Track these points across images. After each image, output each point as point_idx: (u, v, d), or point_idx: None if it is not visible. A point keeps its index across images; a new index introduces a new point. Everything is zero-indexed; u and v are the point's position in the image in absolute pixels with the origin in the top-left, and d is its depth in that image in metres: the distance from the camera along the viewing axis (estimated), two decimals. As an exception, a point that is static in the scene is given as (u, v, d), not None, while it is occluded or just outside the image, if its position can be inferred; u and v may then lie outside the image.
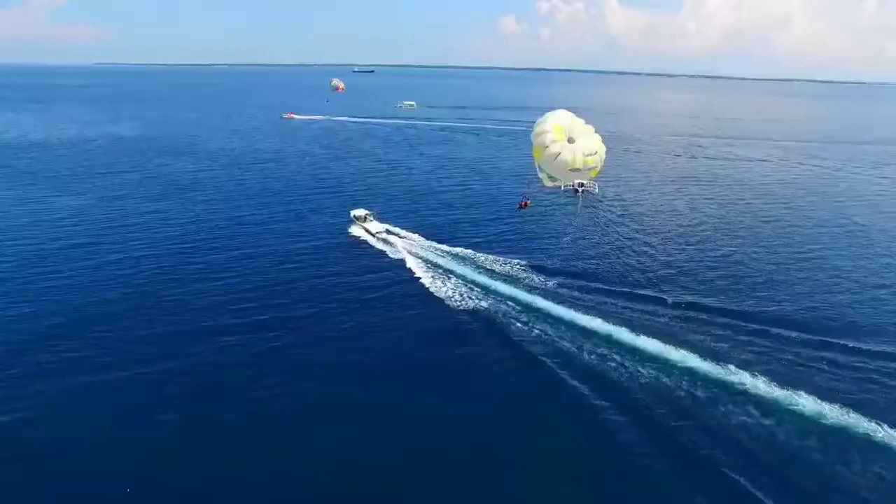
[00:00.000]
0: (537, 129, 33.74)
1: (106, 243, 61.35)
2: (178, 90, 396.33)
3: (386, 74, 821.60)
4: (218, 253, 59.63)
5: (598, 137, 33.71)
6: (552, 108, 36.51)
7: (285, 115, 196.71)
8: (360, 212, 70.09)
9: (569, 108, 35.91)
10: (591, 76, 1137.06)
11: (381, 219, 70.04)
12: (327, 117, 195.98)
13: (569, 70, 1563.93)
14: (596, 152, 32.98)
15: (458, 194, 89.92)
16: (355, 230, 67.79)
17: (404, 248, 61.08)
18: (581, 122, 34.10)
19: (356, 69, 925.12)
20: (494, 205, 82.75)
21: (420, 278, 53.20)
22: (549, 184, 35.04)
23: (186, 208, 76.64)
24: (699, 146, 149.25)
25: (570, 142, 33.03)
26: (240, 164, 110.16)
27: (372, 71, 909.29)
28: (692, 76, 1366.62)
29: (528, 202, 45.44)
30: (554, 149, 32.66)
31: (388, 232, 66.01)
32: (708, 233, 70.81)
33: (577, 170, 32.93)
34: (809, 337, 42.80)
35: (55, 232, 65.23)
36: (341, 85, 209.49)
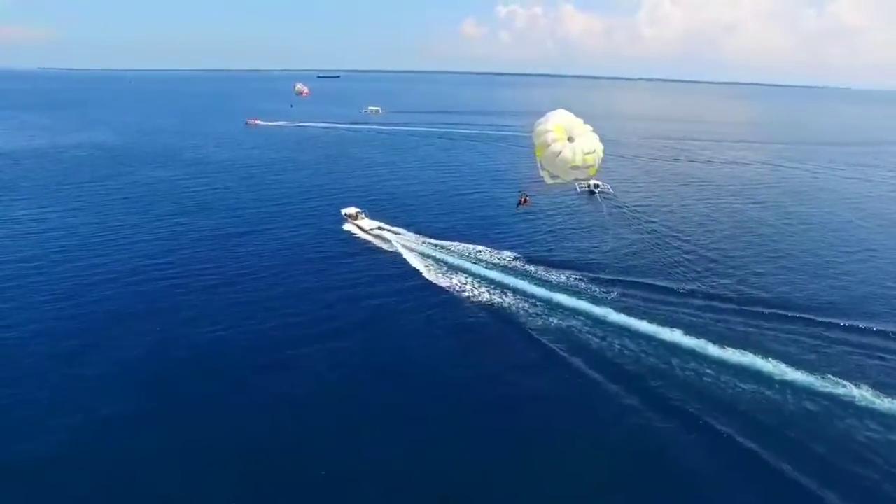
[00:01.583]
0: (539, 128, 35.27)
1: (103, 256, 59.39)
2: (134, 96, 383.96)
3: (351, 80, 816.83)
4: (222, 259, 59.20)
5: (596, 136, 35.48)
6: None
7: (250, 122, 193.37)
8: (352, 210, 71.84)
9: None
10: (553, 80, 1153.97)
11: (372, 216, 71.91)
12: (293, 123, 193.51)
13: (528, 74, 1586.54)
14: (594, 150, 34.71)
15: (442, 194, 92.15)
16: (349, 227, 69.47)
17: (399, 242, 63.10)
18: (580, 121, 35.82)
19: (320, 75, 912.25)
20: (484, 202, 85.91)
21: (419, 271, 55.34)
22: (550, 181, 36.40)
23: (176, 221, 73.51)
24: (687, 149, 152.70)
25: (570, 140, 34.62)
26: (219, 171, 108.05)
27: (338, 76, 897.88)
28: (650, 80, 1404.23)
29: (527, 199, 46.29)
30: (555, 147, 34.27)
31: (381, 228, 67.94)
32: (733, 232, 73.61)
33: (578, 167, 34.53)
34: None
35: (56, 247, 61.88)
36: (305, 90, 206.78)
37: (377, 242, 64.48)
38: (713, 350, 40.17)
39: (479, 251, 60.64)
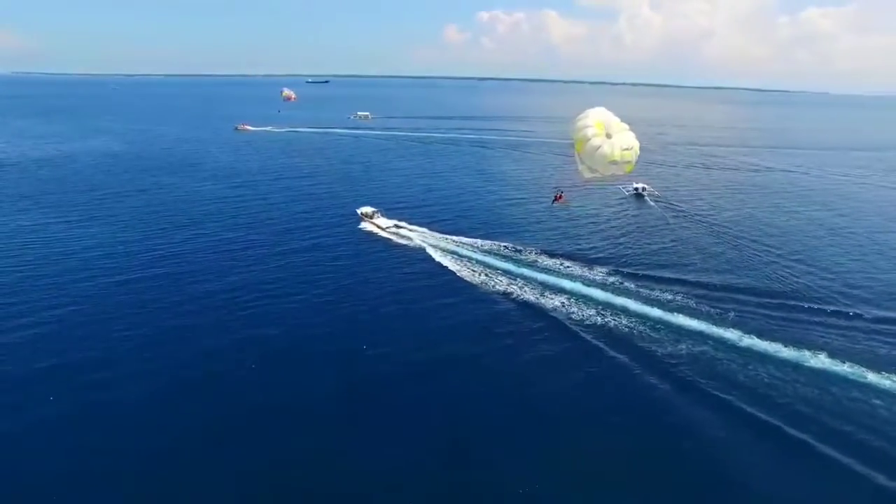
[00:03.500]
0: (579, 123, 36.12)
1: (146, 269, 57.34)
2: (121, 102, 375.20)
3: (339, 85, 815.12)
4: (246, 265, 58.53)
5: (632, 134, 36.21)
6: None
7: (239, 127, 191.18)
8: (367, 209, 72.44)
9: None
10: (541, 85, 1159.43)
11: (387, 215, 72.69)
12: (283, 129, 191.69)
13: (512, 79, 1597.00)
14: (631, 147, 35.39)
15: (452, 194, 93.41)
16: (366, 226, 69.99)
17: (420, 239, 64.15)
18: (617, 119, 36.73)
19: (309, 79, 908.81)
20: (499, 202, 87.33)
21: (444, 265, 56.66)
22: (588, 175, 36.97)
23: (205, 230, 71.10)
24: (707, 154, 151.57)
25: (607, 137, 34.89)
26: (229, 178, 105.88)
27: (327, 81, 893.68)
28: (635, 84, 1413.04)
29: (563, 195, 46.05)
30: (595, 142, 35.12)
31: (397, 226, 68.78)
32: (799, 235, 73.12)
33: (615, 162, 35.19)
34: None
35: (89, 264, 58.14)
36: (293, 95, 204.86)
37: (396, 239, 65.48)
38: (873, 378, 36.70)
39: (505, 247, 61.85)
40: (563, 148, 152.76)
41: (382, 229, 68.30)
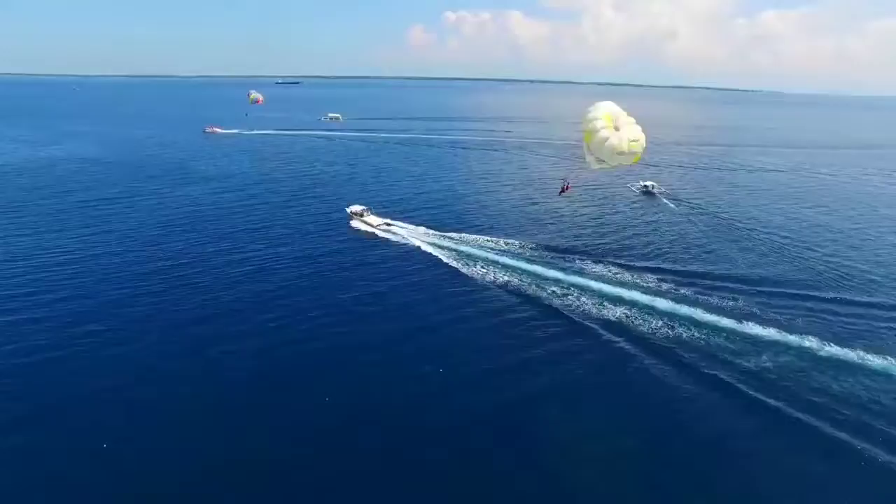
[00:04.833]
0: (589, 115, 36.94)
1: (137, 270, 55.34)
2: (85, 104, 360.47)
3: (309, 85, 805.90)
4: (242, 266, 56.84)
5: (639, 128, 36.91)
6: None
7: (208, 129, 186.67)
8: (357, 207, 71.76)
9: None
10: (508, 85, 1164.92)
11: (377, 213, 72.37)
12: (253, 131, 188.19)
13: (482, 80, 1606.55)
14: (638, 139, 36.06)
15: (437, 193, 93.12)
16: (356, 224, 69.35)
17: (410, 236, 64.12)
18: (625, 113, 37.56)
19: (279, 80, 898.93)
20: (489, 199, 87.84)
21: (441, 260, 57.18)
22: (595, 166, 37.82)
23: (183, 236, 67.46)
24: (702, 154, 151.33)
25: (616, 129, 35.75)
26: (200, 182, 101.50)
27: (298, 83, 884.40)
28: (600, 84, 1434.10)
29: (570, 186, 46.35)
30: (604, 134, 35.91)
31: (388, 224, 68.44)
32: (807, 229, 73.58)
33: (623, 153, 36.03)
34: None
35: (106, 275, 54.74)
36: (260, 97, 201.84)
37: (390, 237, 65.15)
38: None
39: (512, 244, 62.67)
40: (554, 148, 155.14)
41: (374, 227, 67.83)
